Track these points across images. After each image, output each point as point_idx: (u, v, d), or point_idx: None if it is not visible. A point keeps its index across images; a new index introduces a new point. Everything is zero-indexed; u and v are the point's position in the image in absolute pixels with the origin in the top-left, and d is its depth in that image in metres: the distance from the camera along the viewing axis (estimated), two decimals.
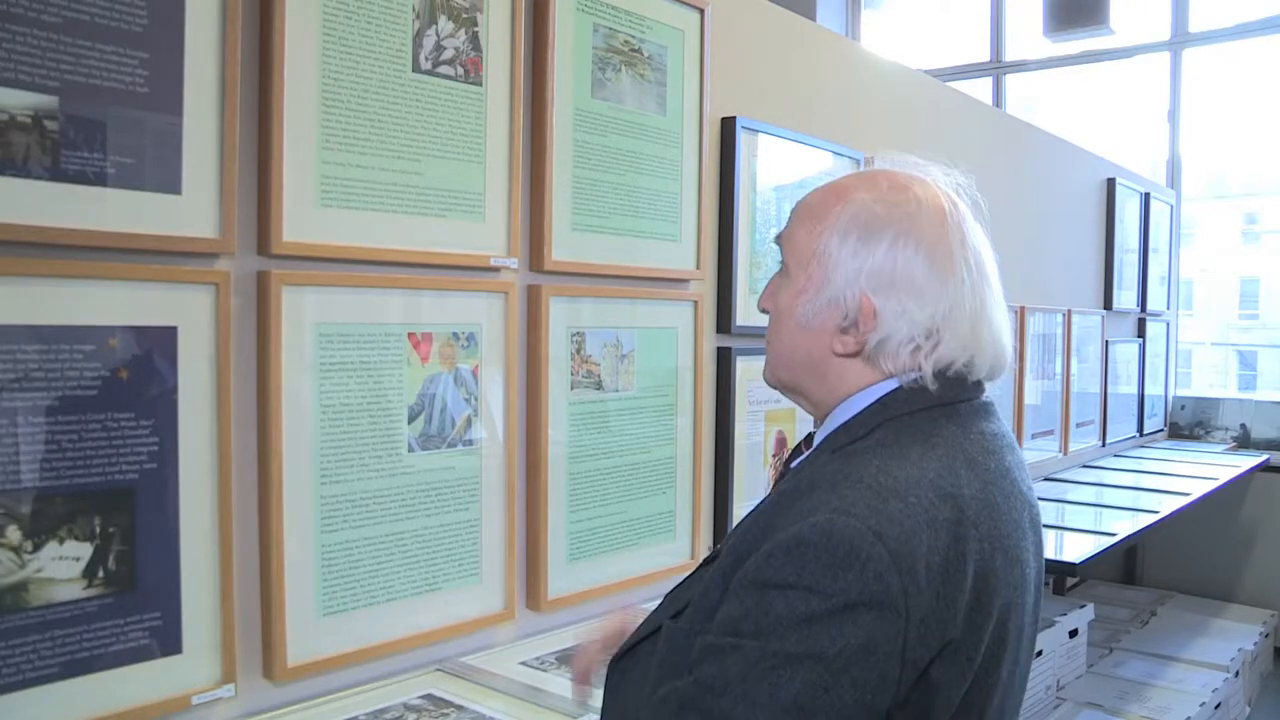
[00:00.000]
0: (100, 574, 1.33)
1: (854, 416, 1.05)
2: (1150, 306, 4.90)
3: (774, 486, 1.11)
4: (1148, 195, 4.84)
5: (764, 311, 1.17)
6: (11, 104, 1.23)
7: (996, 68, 6.30)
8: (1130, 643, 3.75)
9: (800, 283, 1.08)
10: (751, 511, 1.05)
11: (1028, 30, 6.06)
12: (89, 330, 1.32)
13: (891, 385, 1.05)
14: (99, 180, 1.31)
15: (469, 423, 1.80)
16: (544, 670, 1.74)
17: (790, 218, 1.13)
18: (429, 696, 1.62)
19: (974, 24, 6.40)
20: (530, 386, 1.91)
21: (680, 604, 1.06)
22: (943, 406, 1.04)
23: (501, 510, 1.86)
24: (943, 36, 6.91)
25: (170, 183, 1.39)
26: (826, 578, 0.88)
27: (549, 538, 1.94)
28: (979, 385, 1.08)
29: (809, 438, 1.16)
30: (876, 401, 1.05)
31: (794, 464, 1.13)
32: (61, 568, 1.30)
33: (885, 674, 0.88)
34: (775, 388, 1.17)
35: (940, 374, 1.03)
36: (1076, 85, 6.33)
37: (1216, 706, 3.30)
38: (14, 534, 1.26)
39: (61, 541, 1.30)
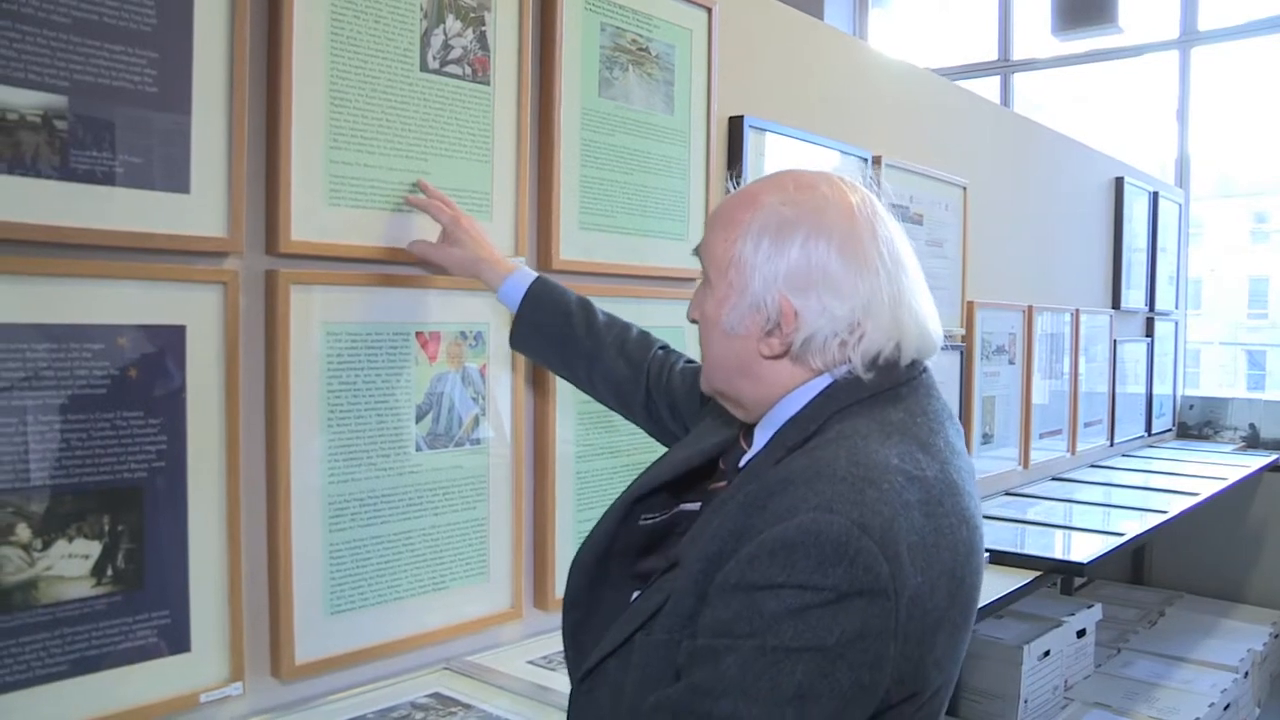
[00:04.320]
0: (109, 572, 1.34)
1: (799, 412, 1.08)
2: (1158, 306, 4.89)
3: (726, 487, 1.12)
4: (1156, 194, 4.83)
5: (693, 322, 1.20)
6: (21, 104, 1.24)
7: (1004, 66, 6.29)
8: (1138, 643, 3.74)
9: (721, 291, 1.11)
10: (708, 516, 1.06)
11: (1036, 29, 6.05)
12: (98, 329, 1.32)
13: (826, 381, 1.08)
14: (108, 180, 1.32)
15: (476, 422, 1.80)
16: (552, 669, 1.74)
17: (705, 228, 1.17)
18: (436, 695, 1.62)
19: (982, 22, 6.39)
20: (537, 385, 1.91)
21: (644, 615, 1.06)
22: (884, 393, 1.07)
23: (509, 509, 1.86)
24: (950, 35, 6.90)
25: (179, 182, 1.39)
26: (817, 575, 0.90)
27: (556, 537, 1.94)
28: (912, 366, 1.11)
29: (746, 434, 1.17)
30: (819, 395, 1.08)
31: (742, 463, 1.14)
32: (70, 566, 1.30)
33: (880, 654, 0.92)
34: (712, 395, 1.21)
35: (871, 363, 1.06)
36: (1084, 84, 6.31)
37: (1226, 707, 3.28)
38: (23, 532, 1.26)
39: (70, 540, 1.30)
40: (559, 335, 1.61)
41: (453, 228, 1.62)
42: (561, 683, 1.65)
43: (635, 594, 1.17)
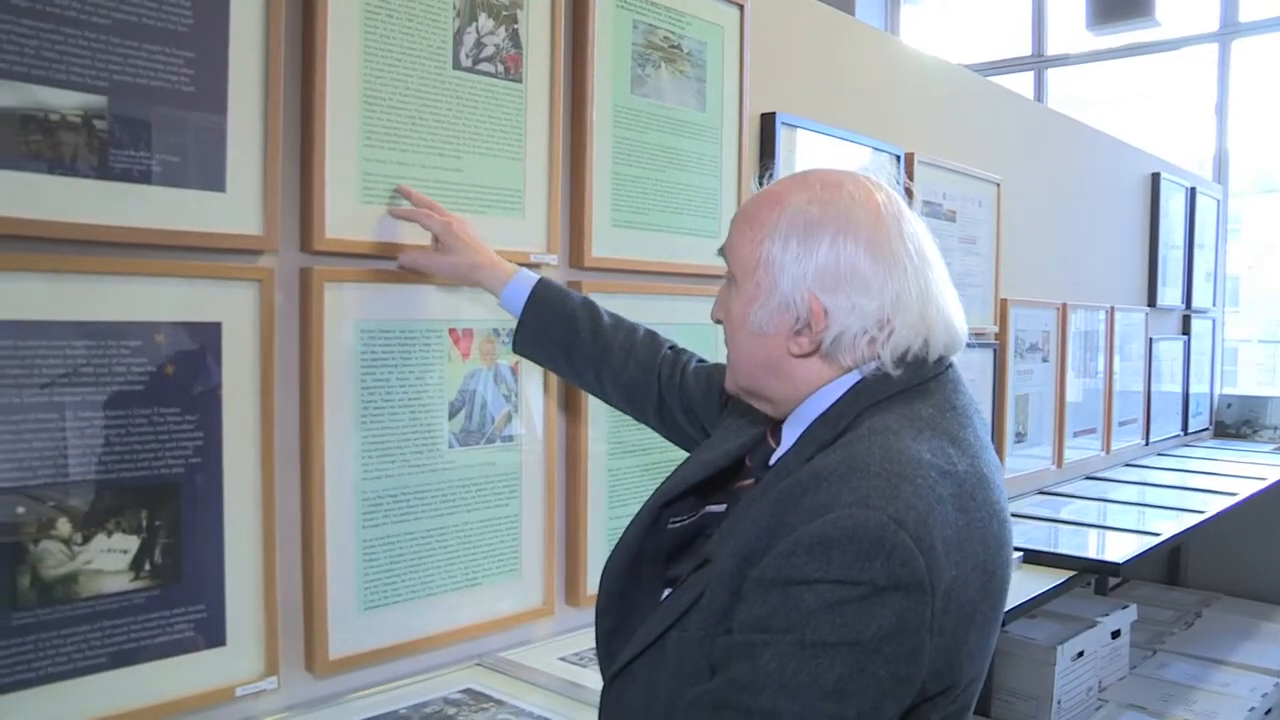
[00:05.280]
0: (147, 566, 1.35)
1: (829, 409, 1.08)
2: (1196, 303, 4.82)
3: (754, 485, 1.13)
4: (1193, 190, 4.76)
5: (717, 322, 1.20)
6: (63, 104, 1.25)
7: (1038, 62, 6.23)
8: (1174, 645, 3.69)
9: (749, 291, 1.11)
10: (739, 514, 1.07)
11: (1070, 23, 5.98)
12: (135, 326, 1.34)
13: (854, 378, 1.09)
14: (145, 178, 1.33)
15: (508, 419, 1.80)
16: (583, 666, 1.75)
17: (730, 228, 1.16)
18: (469, 691, 1.63)
19: (1015, 17, 6.34)
20: (569, 383, 1.91)
21: (676, 613, 1.07)
22: (913, 389, 1.07)
23: (541, 506, 1.86)
24: (983, 30, 6.85)
25: (215, 180, 1.40)
26: (854, 569, 0.91)
27: (588, 534, 1.94)
28: (939, 361, 1.11)
29: (774, 432, 1.18)
30: (848, 392, 1.08)
31: (771, 461, 1.14)
32: (110, 560, 1.32)
33: (917, 647, 0.93)
34: (736, 394, 1.21)
35: (900, 360, 1.07)
36: (1120, 79, 6.23)
37: (1267, 712, 3.23)
38: (64, 526, 1.28)
39: (110, 534, 1.32)
40: (564, 341, 1.59)
41: (445, 234, 1.59)
42: (593, 680, 1.66)
43: (666, 593, 1.17)
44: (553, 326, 1.59)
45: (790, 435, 1.13)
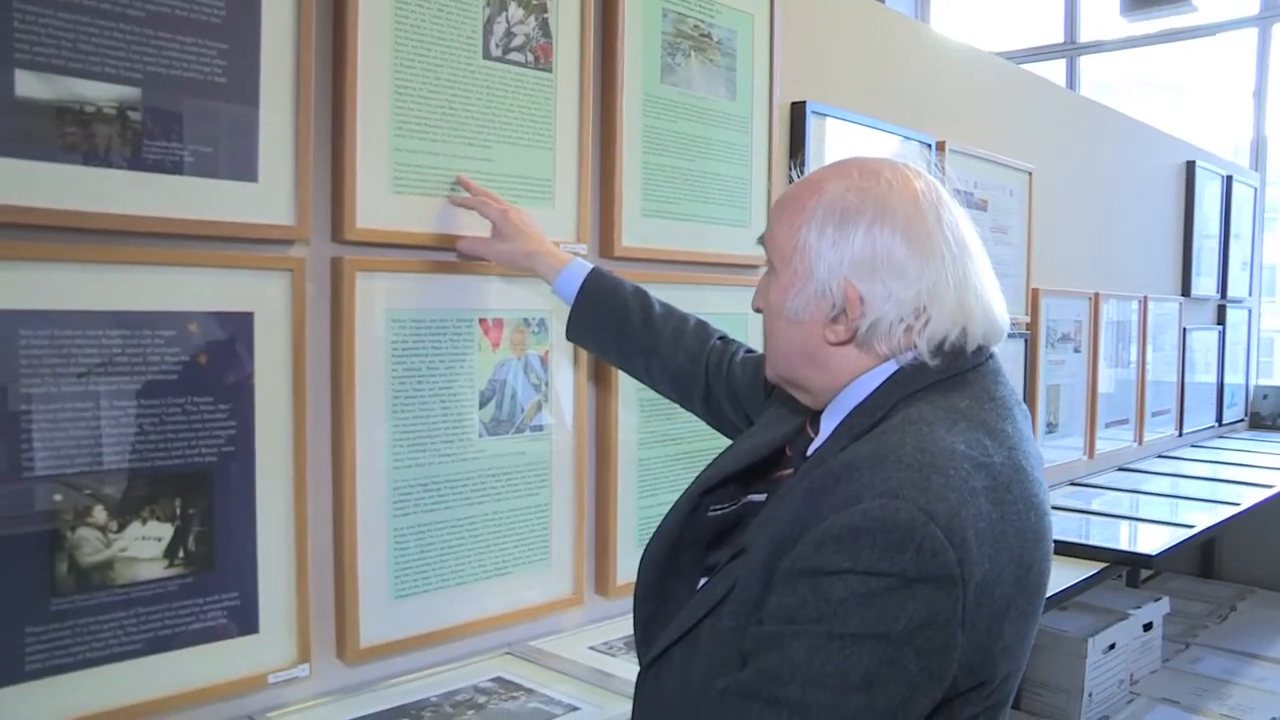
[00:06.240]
0: (181, 554, 1.37)
1: (866, 399, 1.08)
2: (1231, 293, 4.76)
3: (793, 475, 1.13)
4: (1229, 178, 4.69)
5: (758, 311, 1.20)
6: (98, 96, 1.26)
7: (1071, 49, 6.16)
8: (1208, 638, 3.65)
9: (786, 278, 1.11)
10: (775, 504, 1.06)
11: (1103, 10, 5.91)
12: (169, 316, 1.35)
13: (892, 367, 1.08)
14: (178, 169, 1.34)
15: (538, 408, 1.81)
16: (612, 655, 1.75)
17: (769, 217, 1.17)
18: (498, 679, 1.63)
19: (1047, 4, 6.26)
20: (599, 373, 1.92)
21: (711, 602, 1.07)
22: (950, 379, 1.06)
23: (571, 496, 1.86)
24: (1015, 17, 6.77)
25: (247, 171, 1.41)
26: (884, 561, 0.90)
27: (618, 523, 1.94)
28: (979, 352, 1.10)
29: (813, 422, 1.18)
30: (885, 382, 1.07)
31: (809, 451, 1.14)
32: (144, 547, 1.33)
33: (947, 641, 0.92)
34: (776, 383, 1.21)
35: (937, 349, 1.06)
36: (1154, 65, 6.15)
37: None
38: (100, 514, 1.29)
39: (144, 522, 1.33)
40: (615, 329, 1.61)
41: (502, 222, 1.62)
42: (622, 669, 1.66)
43: (703, 581, 1.17)
44: (604, 315, 1.61)
45: (828, 425, 1.12)
